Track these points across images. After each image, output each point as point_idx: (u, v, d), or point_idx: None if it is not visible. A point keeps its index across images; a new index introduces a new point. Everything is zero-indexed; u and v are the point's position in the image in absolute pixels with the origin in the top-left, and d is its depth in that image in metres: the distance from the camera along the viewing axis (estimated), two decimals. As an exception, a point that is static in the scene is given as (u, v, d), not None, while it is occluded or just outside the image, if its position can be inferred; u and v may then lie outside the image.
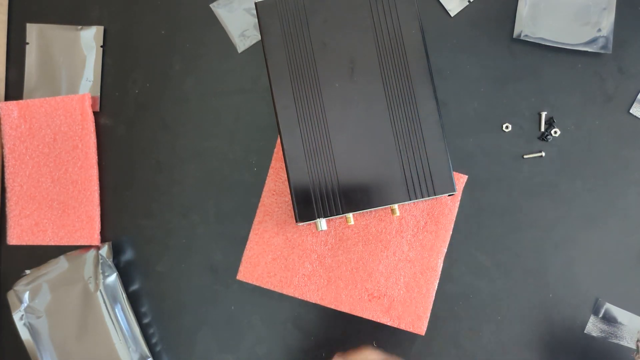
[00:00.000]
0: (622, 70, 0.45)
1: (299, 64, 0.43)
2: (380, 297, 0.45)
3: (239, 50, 0.48)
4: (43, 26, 0.50)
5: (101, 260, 0.45)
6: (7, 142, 0.48)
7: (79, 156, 0.48)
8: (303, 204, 0.41)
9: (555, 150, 0.45)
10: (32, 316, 0.45)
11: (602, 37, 0.45)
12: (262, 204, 0.47)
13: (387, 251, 0.45)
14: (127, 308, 0.46)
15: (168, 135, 0.49)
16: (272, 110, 0.48)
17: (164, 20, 0.50)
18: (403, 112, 0.42)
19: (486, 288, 0.45)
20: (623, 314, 0.44)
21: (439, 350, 0.45)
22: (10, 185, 0.48)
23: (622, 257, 0.44)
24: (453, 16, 0.47)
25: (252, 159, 0.48)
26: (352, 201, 0.41)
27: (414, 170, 0.41)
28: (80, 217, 0.47)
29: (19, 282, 0.45)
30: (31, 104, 0.48)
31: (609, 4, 0.45)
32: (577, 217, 0.45)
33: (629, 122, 0.45)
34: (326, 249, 0.46)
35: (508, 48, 0.46)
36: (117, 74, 0.50)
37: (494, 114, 0.46)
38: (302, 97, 0.43)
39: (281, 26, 0.43)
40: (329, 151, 0.42)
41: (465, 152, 0.46)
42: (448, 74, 0.47)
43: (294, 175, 0.42)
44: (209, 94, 0.49)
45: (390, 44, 0.42)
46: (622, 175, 0.45)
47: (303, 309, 0.46)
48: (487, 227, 0.46)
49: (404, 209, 0.45)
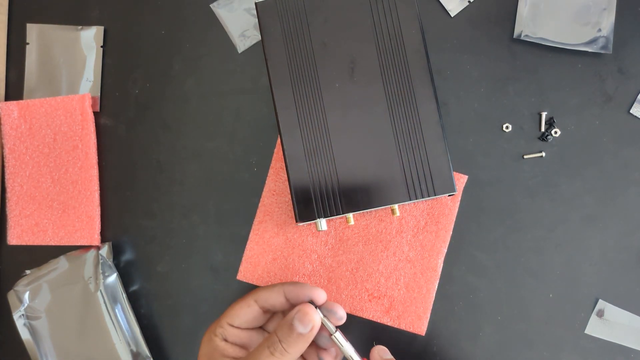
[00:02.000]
0: (622, 70, 0.46)
1: (299, 64, 0.43)
2: (380, 297, 0.45)
3: (239, 51, 0.49)
4: (43, 26, 0.50)
5: (101, 261, 0.45)
6: (7, 142, 0.48)
7: (79, 156, 0.48)
8: (303, 204, 0.41)
9: (556, 150, 0.45)
10: (32, 316, 0.45)
11: (603, 37, 0.45)
12: (262, 204, 0.47)
13: (387, 251, 0.45)
14: (127, 308, 0.46)
15: (168, 136, 0.49)
16: (273, 111, 0.48)
17: (164, 21, 0.50)
18: (403, 112, 0.42)
19: (486, 288, 0.45)
20: (623, 314, 0.44)
21: (439, 350, 0.45)
22: (10, 185, 0.48)
23: (623, 257, 0.45)
24: (453, 16, 0.47)
25: (253, 159, 0.48)
26: (352, 201, 0.41)
27: (414, 170, 0.41)
28: (80, 217, 0.47)
29: (19, 282, 0.45)
30: (31, 104, 0.48)
31: (609, 4, 0.45)
32: (577, 217, 0.45)
33: (629, 122, 0.45)
34: (326, 249, 0.46)
35: (508, 48, 0.46)
36: (118, 74, 0.50)
37: (494, 114, 0.46)
38: (302, 97, 0.43)
39: (281, 26, 0.43)
40: (329, 151, 0.42)
41: (466, 152, 0.46)
42: (448, 74, 0.47)
43: (294, 175, 0.42)
44: (210, 94, 0.49)
45: (391, 44, 0.42)
46: (622, 175, 0.45)
47: (303, 309, 0.46)
48: (487, 227, 0.46)
49: (404, 209, 0.45)
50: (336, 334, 0.37)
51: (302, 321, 0.36)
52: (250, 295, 0.39)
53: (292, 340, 0.35)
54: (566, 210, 0.45)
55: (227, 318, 0.38)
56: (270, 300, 0.39)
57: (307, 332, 0.36)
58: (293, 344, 0.35)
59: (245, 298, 0.39)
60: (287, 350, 0.35)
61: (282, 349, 0.35)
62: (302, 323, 0.36)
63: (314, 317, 0.36)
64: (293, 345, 0.35)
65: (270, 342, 0.35)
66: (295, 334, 0.35)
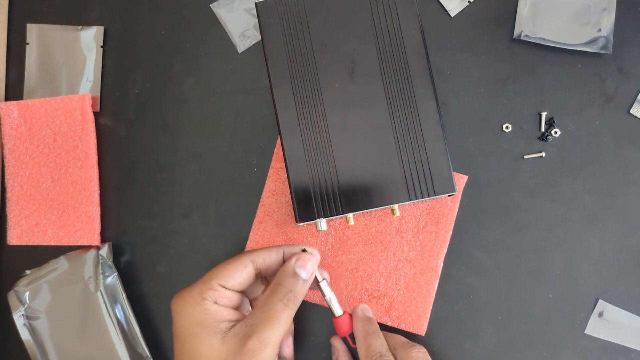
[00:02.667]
0: (622, 70, 0.46)
1: (299, 64, 0.43)
2: (380, 297, 0.45)
3: (239, 51, 0.49)
4: (43, 26, 0.50)
5: (101, 261, 0.45)
6: (7, 142, 0.48)
7: (79, 156, 0.48)
8: (303, 204, 0.41)
9: (556, 151, 0.45)
10: (32, 316, 0.45)
11: (602, 37, 0.45)
12: (262, 204, 0.47)
13: (387, 251, 0.45)
14: (127, 308, 0.46)
15: (168, 136, 0.49)
16: (273, 111, 0.48)
17: (164, 21, 0.50)
18: (403, 112, 0.42)
19: (486, 288, 0.45)
20: (623, 314, 0.44)
21: (439, 350, 0.45)
22: (10, 185, 0.48)
23: (622, 257, 0.45)
24: (453, 16, 0.47)
25: (253, 159, 0.48)
26: (352, 201, 0.41)
27: (414, 170, 0.41)
28: (80, 217, 0.48)
29: (19, 282, 0.45)
30: (31, 104, 0.48)
31: (609, 4, 0.45)
32: (577, 217, 0.45)
33: (629, 122, 0.45)
34: (326, 249, 0.46)
35: (508, 48, 0.46)
36: (118, 74, 0.50)
37: (494, 114, 0.46)
38: (302, 97, 0.43)
39: (281, 26, 0.43)
40: (329, 151, 0.42)
41: (465, 153, 0.46)
42: (448, 75, 0.47)
43: (294, 175, 0.42)
44: (210, 94, 0.49)
45: (391, 44, 0.42)
46: (622, 175, 0.45)
47: (303, 309, 0.46)
48: (487, 228, 0.46)
49: (404, 210, 0.45)
50: (323, 283, 0.40)
51: (304, 267, 0.37)
52: (246, 256, 0.38)
53: (299, 288, 0.36)
54: (566, 210, 0.45)
55: (220, 279, 0.36)
56: (268, 260, 0.38)
57: (308, 279, 0.37)
58: (301, 291, 0.36)
59: (239, 259, 0.37)
60: (298, 298, 0.36)
61: (294, 297, 0.36)
62: (305, 269, 0.37)
63: (313, 263, 0.38)
64: (301, 292, 0.36)
65: (282, 294, 0.35)
66: (301, 281, 0.36)
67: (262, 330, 0.33)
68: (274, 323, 0.34)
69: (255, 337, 0.33)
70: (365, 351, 0.38)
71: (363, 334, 0.40)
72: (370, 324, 0.40)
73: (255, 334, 0.33)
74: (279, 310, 0.35)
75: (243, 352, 0.32)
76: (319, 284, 0.40)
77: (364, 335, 0.39)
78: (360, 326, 0.40)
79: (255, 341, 0.33)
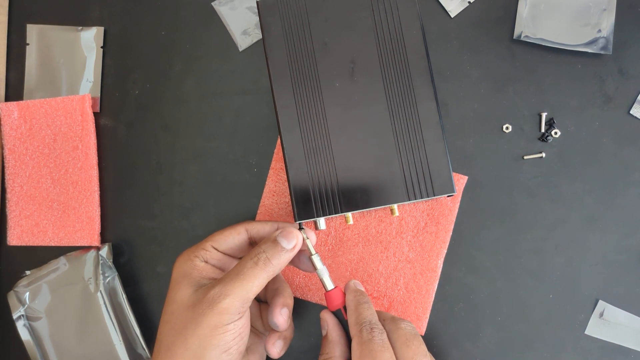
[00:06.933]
0: (622, 71, 0.46)
1: (300, 63, 0.43)
2: (380, 297, 0.45)
3: (240, 49, 0.49)
4: (43, 27, 0.50)
5: (101, 261, 0.45)
6: (7, 142, 0.48)
7: (79, 157, 0.48)
8: (302, 204, 0.41)
9: (556, 151, 0.45)
10: (32, 317, 0.45)
11: (602, 38, 0.45)
12: (262, 205, 0.47)
13: (387, 252, 0.45)
14: (127, 308, 0.46)
15: (168, 136, 0.49)
16: (273, 112, 0.48)
17: (164, 21, 0.50)
18: (403, 112, 0.42)
19: (486, 288, 0.45)
20: (623, 314, 0.44)
21: (439, 351, 0.45)
22: (10, 186, 0.48)
23: (623, 257, 0.45)
24: (453, 17, 0.47)
25: (253, 159, 0.48)
26: (351, 200, 0.41)
27: (413, 170, 0.41)
28: (80, 217, 0.48)
29: (19, 282, 0.45)
30: (31, 104, 0.48)
31: (609, 5, 0.45)
32: (577, 217, 0.45)
33: (629, 122, 0.45)
34: (326, 250, 0.46)
35: (508, 49, 0.46)
36: (118, 75, 0.50)
37: (494, 114, 0.46)
38: (302, 96, 0.43)
39: (282, 25, 0.43)
40: (328, 150, 0.42)
41: (465, 153, 0.46)
42: (448, 75, 0.47)
43: (293, 173, 0.42)
44: (210, 95, 0.49)
45: (391, 44, 0.42)
46: (622, 176, 0.45)
47: (303, 309, 0.46)
48: (487, 228, 0.46)
49: (404, 210, 0.45)
50: (315, 256, 0.40)
51: (287, 237, 0.38)
52: (241, 225, 0.41)
53: (275, 252, 0.37)
54: (566, 210, 0.45)
55: (213, 242, 0.40)
56: (262, 231, 0.41)
57: (289, 249, 0.38)
58: (276, 255, 0.37)
59: (235, 226, 0.41)
60: (271, 261, 0.37)
61: (266, 258, 0.37)
62: (287, 239, 0.38)
63: (296, 235, 0.39)
64: (276, 257, 0.37)
65: (254, 254, 0.37)
66: (279, 247, 0.38)
67: (225, 282, 0.36)
68: (238, 277, 0.36)
69: (217, 288, 0.35)
70: (355, 319, 0.39)
71: (355, 304, 0.40)
72: (362, 295, 0.41)
73: (218, 285, 0.36)
74: (247, 267, 0.36)
75: (204, 300, 0.35)
76: (311, 257, 0.40)
77: (356, 304, 0.40)
78: (352, 297, 0.41)
79: (216, 291, 0.35)
